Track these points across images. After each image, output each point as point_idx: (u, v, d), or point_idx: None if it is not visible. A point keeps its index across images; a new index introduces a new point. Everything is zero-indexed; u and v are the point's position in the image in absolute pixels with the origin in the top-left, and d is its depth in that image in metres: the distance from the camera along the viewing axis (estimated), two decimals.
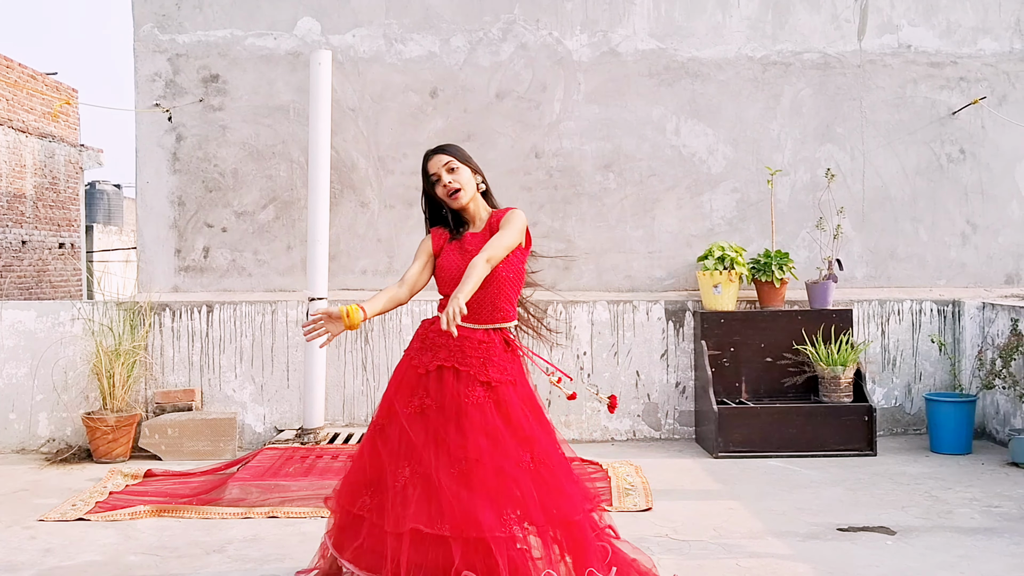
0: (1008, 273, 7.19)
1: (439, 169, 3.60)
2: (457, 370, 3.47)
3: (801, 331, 6.43)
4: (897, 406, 6.78)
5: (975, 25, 7.14)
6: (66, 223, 15.66)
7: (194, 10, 6.89)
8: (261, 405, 6.58)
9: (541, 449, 3.45)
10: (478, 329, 3.54)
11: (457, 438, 3.38)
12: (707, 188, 7.04)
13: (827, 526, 4.57)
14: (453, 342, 3.49)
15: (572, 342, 6.68)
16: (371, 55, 6.93)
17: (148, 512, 4.84)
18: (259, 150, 6.91)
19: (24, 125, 14.22)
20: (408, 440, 3.43)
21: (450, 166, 3.59)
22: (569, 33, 6.99)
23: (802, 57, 7.07)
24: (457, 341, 3.48)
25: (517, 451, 3.40)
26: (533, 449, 3.43)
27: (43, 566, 4.09)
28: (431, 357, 3.51)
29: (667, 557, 4.12)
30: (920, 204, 7.13)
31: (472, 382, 3.45)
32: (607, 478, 5.48)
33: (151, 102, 6.89)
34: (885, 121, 7.11)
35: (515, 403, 3.49)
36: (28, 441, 6.43)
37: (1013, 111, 7.14)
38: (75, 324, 6.44)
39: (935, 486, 5.32)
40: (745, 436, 6.09)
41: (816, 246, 6.96)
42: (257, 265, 6.92)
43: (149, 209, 6.92)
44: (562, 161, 6.99)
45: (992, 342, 6.45)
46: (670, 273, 7.03)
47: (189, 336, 6.58)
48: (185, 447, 6.21)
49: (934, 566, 4.00)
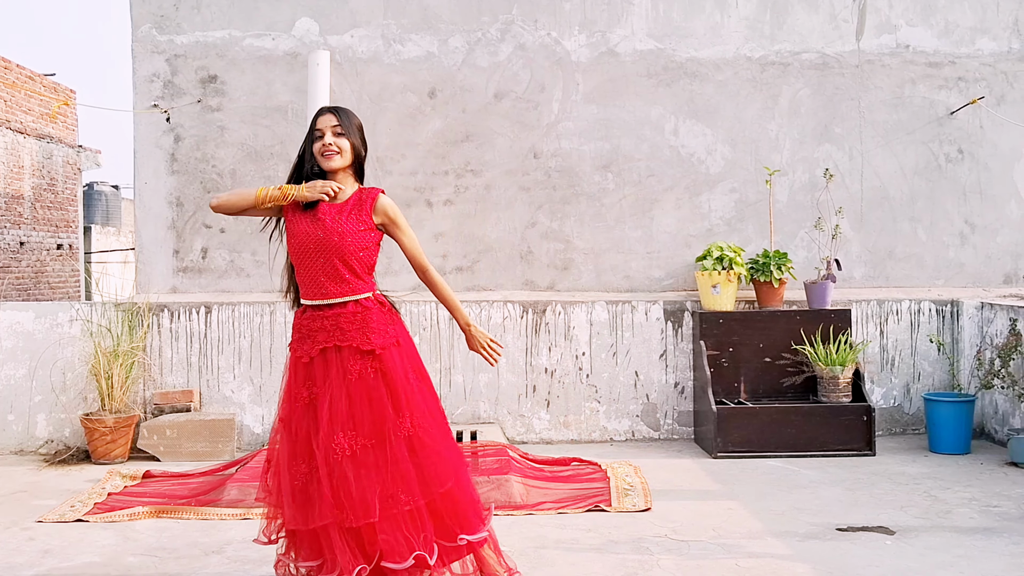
0: (1006, 273, 7.20)
1: (326, 127, 3.57)
2: (339, 347, 3.50)
3: (800, 331, 6.43)
4: (896, 406, 6.78)
5: (973, 25, 7.15)
6: (64, 224, 15.65)
7: (192, 11, 6.88)
8: (259, 406, 6.58)
9: (420, 414, 3.52)
10: (348, 302, 3.54)
11: (347, 420, 3.44)
12: (705, 188, 7.04)
13: (826, 526, 4.57)
14: (330, 322, 3.51)
15: (571, 342, 6.68)
16: (369, 55, 6.93)
17: (147, 513, 4.84)
18: (257, 151, 6.90)
19: (22, 126, 14.21)
20: (303, 435, 3.50)
21: (337, 130, 3.57)
22: (567, 33, 6.99)
23: (800, 57, 7.07)
24: (333, 320, 3.51)
25: (396, 421, 3.46)
26: (413, 415, 3.50)
27: (42, 567, 4.09)
28: (311, 343, 3.54)
29: (666, 557, 4.12)
30: (918, 204, 7.13)
31: (354, 354, 3.48)
32: (606, 478, 5.47)
33: (149, 103, 6.88)
34: (883, 121, 7.11)
35: (398, 368, 3.53)
36: (26, 442, 6.43)
37: (1011, 111, 7.15)
38: (73, 325, 6.43)
39: (934, 486, 5.32)
40: (744, 436, 6.09)
41: (815, 246, 6.96)
42: (255, 266, 6.91)
43: (147, 210, 6.92)
44: (560, 161, 6.99)
45: (991, 342, 6.45)
46: (669, 273, 7.03)
47: (187, 337, 6.57)
48: (184, 448, 6.20)
49: (933, 566, 4.00)
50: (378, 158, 6.87)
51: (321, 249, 3.49)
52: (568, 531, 4.55)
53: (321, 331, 3.52)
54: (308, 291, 3.56)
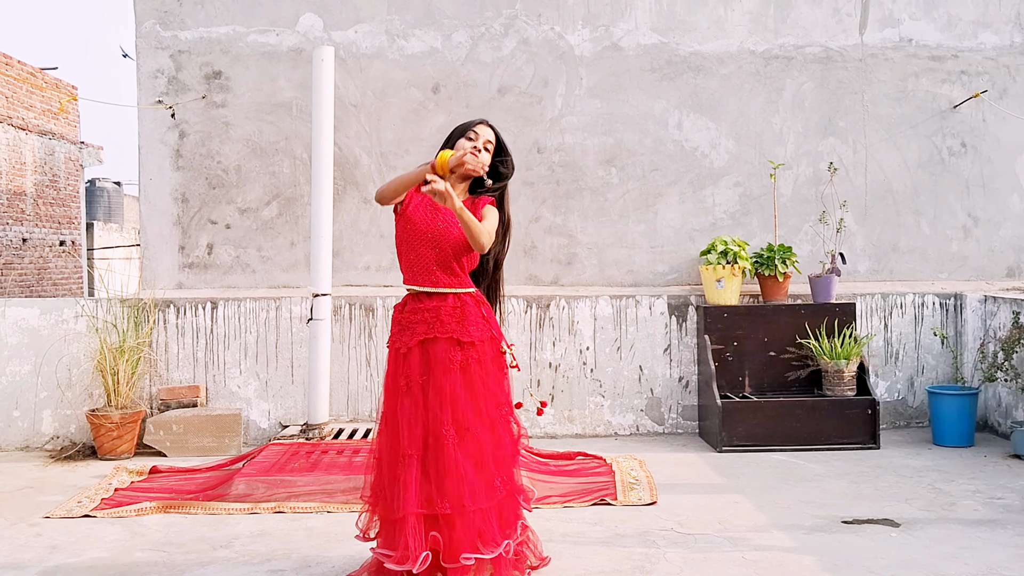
0: (1009, 266, 7.20)
1: (483, 139, 3.73)
2: (437, 339, 3.59)
3: (804, 325, 6.44)
4: (900, 399, 6.80)
5: (975, 19, 7.14)
6: (66, 220, 15.66)
7: (196, 6, 6.88)
8: (266, 401, 6.59)
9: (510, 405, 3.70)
10: (450, 294, 3.64)
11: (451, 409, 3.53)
12: (709, 182, 7.05)
13: (831, 519, 4.58)
14: (430, 314, 3.60)
15: (575, 337, 6.69)
16: (373, 51, 6.94)
17: (154, 508, 4.86)
18: (262, 147, 6.91)
19: (24, 122, 14.21)
20: (405, 425, 3.55)
21: (488, 147, 3.75)
22: (571, 28, 6.99)
23: (804, 51, 7.07)
24: (433, 312, 3.60)
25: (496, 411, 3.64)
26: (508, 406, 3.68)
27: (49, 563, 4.10)
28: (410, 335, 3.62)
29: (673, 550, 4.14)
30: (922, 197, 7.14)
31: (454, 345, 3.58)
32: (611, 472, 5.49)
33: (154, 99, 6.89)
34: (887, 115, 7.11)
35: (492, 361, 3.66)
36: (32, 439, 6.44)
37: (1014, 104, 7.15)
38: (79, 321, 6.45)
39: (938, 478, 5.34)
40: (749, 430, 6.10)
41: (819, 240, 6.97)
42: (261, 261, 6.92)
43: (152, 206, 6.93)
44: (564, 156, 6.99)
45: (994, 335, 6.46)
46: (673, 268, 7.04)
47: (193, 333, 6.59)
48: (190, 443, 6.22)
49: (938, 558, 4.01)
50: (382, 153, 6.87)
51: (439, 240, 3.62)
52: (574, 525, 4.56)
53: (421, 323, 3.61)
54: (416, 277, 3.66)
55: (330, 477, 5.12)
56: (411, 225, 3.65)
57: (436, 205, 3.63)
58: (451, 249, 3.61)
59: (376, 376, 6.64)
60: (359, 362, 6.66)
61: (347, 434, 6.18)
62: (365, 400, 6.65)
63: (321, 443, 5.89)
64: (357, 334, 6.65)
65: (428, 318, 3.60)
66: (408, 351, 3.61)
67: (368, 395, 6.64)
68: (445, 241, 3.61)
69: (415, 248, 3.64)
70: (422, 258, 3.63)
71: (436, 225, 3.62)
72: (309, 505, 4.88)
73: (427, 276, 3.63)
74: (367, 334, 6.65)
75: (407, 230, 3.67)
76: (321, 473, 5.20)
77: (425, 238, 3.62)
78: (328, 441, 5.98)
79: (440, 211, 3.63)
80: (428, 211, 3.64)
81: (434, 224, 3.62)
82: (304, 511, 4.81)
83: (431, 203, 3.64)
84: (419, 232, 3.63)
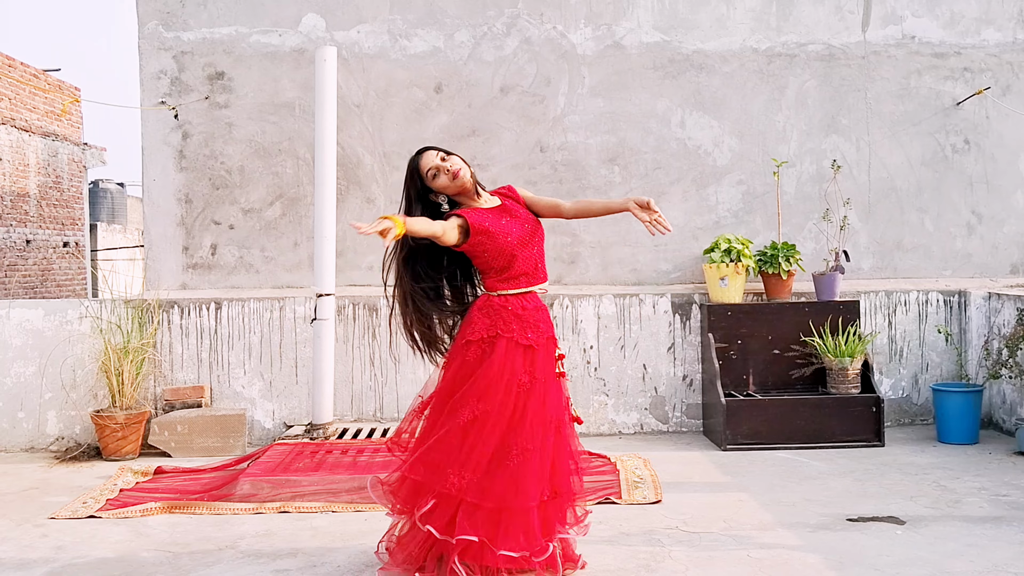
0: (1013, 263, 7.19)
1: (435, 162, 3.76)
2: (551, 337, 3.77)
3: (808, 323, 6.44)
4: (904, 397, 6.79)
5: (978, 16, 7.13)
6: (70, 222, 15.68)
7: (198, 7, 6.89)
8: (270, 401, 6.60)
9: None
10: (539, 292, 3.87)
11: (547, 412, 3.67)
12: (713, 181, 7.04)
13: (836, 517, 4.58)
14: (541, 316, 3.73)
15: (578, 336, 6.69)
16: (376, 51, 6.94)
17: (159, 509, 4.86)
18: (265, 147, 6.92)
19: (27, 124, 14.23)
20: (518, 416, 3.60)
21: (442, 156, 3.78)
22: (573, 27, 6.99)
23: (807, 49, 7.06)
24: (540, 314, 3.74)
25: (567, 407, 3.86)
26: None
27: (55, 563, 4.11)
28: (535, 331, 3.71)
29: (678, 549, 4.14)
30: (925, 195, 7.13)
31: (551, 356, 3.75)
32: (615, 471, 5.49)
33: (157, 100, 6.89)
34: (890, 112, 7.11)
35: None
36: (37, 439, 6.45)
37: (1017, 101, 7.14)
38: (83, 322, 6.46)
39: (943, 476, 5.33)
40: (753, 428, 6.10)
41: (823, 238, 6.97)
42: (264, 262, 6.93)
43: (156, 207, 6.93)
44: (567, 155, 6.99)
45: (998, 332, 6.45)
46: (676, 266, 7.04)
47: (198, 333, 6.59)
48: (195, 444, 6.23)
49: (943, 555, 4.01)
50: (385, 153, 6.87)
51: (532, 236, 3.77)
52: None
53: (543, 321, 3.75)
54: (529, 277, 3.76)
55: (335, 477, 5.13)
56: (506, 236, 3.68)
57: (513, 214, 3.77)
58: (541, 241, 3.82)
59: (380, 376, 6.64)
60: (363, 362, 6.66)
61: (351, 434, 6.19)
62: (369, 400, 6.65)
63: (325, 443, 5.90)
64: (361, 334, 6.65)
65: (546, 316, 3.77)
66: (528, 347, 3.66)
67: (372, 395, 6.65)
68: (538, 236, 3.80)
69: (522, 253, 3.72)
70: (530, 258, 3.75)
71: (523, 226, 3.76)
72: (314, 505, 4.88)
73: (539, 272, 3.79)
74: (371, 334, 6.66)
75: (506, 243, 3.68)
76: (326, 473, 5.20)
77: (525, 241, 3.74)
78: (332, 441, 5.98)
79: (516, 215, 3.77)
80: (508, 221, 3.73)
81: (522, 226, 3.75)
82: (309, 511, 4.82)
83: (503, 213, 3.76)
84: (519, 239, 3.72)
